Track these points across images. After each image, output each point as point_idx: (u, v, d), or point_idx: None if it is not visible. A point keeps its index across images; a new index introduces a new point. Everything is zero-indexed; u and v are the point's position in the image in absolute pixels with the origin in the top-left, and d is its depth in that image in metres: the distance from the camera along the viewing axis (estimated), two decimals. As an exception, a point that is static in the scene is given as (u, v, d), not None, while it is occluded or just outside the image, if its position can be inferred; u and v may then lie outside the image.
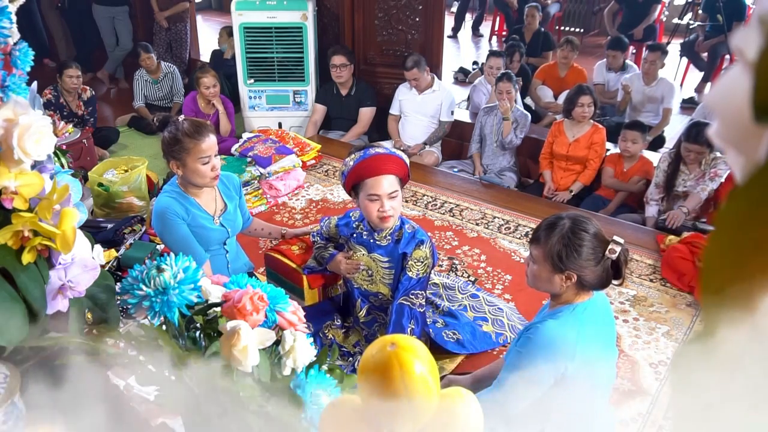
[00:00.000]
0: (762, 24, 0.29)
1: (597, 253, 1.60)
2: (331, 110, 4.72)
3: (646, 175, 3.76)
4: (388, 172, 2.09)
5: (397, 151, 2.16)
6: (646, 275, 3.01)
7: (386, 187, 2.09)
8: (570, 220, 1.63)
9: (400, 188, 2.15)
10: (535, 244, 1.67)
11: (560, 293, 1.68)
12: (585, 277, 1.62)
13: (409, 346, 0.69)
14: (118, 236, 3.00)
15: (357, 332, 2.48)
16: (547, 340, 1.61)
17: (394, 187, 2.11)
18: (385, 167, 2.08)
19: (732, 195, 0.30)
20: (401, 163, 2.12)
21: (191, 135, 2.09)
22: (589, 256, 1.60)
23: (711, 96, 0.33)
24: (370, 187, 2.09)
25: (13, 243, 0.91)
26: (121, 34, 6.17)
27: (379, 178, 2.08)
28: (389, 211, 2.11)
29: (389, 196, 2.10)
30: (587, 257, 1.59)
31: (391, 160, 2.10)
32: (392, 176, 2.10)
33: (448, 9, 7.58)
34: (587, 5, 8.37)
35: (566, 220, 1.63)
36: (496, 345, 2.48)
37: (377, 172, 2.08)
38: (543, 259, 1.64)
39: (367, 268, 2.32)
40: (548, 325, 1.63)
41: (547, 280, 1.66)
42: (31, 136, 0.90)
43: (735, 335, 0.30)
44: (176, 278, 1.00)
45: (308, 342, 1.07)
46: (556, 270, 1.62)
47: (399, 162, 2.11)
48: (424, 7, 4.51)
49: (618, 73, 5.13)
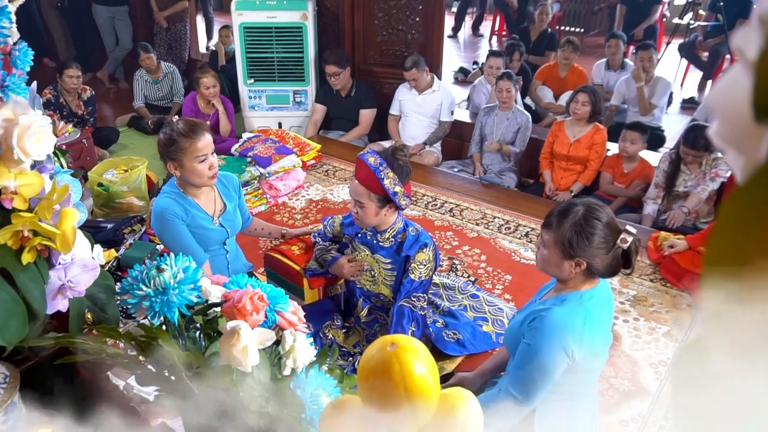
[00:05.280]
0: (762, 24, 0.29)
1: (608, 242, 1.60)
2: (331, 110, 4.72)
3: (647, 179, 3.76)
4: (357, 178, 2.15)
5: (380, 169, 2.10)
6: (646, 275, 3.01)
7: (352, 190, 2.18)
8: (584, 207, 1.62)
9: (373, 202, 2.13)
10: (546, 228, 1.67)
11: (568, 279, 1.68)
12: (595, 264, 1.62)
13: (409, 346, 0.69)
14: (118, 236, 3.00)
15: (357, 332, 2.48)
16: (555, 327, 1.61)
17: (358, 194, 2.14)
18: (357, 173, 2.16)
19: (732, 195, 0.30)
20: (372, 177, 2.09)
21: (186, 134, 2.10)
22: (600, 244, 1.59)
23: (711, 96, 0.33)
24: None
25: (13, 243, 0.91)
26: (121, 34, 6.17)
27: (353, 180, 2.18)
28: (355, 214, 2.21)
29: (355, 201, 2.17)
30: (598, 245, 1.59)
31: (361, 167, 2.12)
32: (359, 185, 2.14)
33: (448, 9, 7.57)
34: (587, 5, 8.37)
35: (580, 206, 1.63)
36: (496, 345, 2.48)
37: (354, 174, 2.18)
38: (554, 244, 1.64)
39: (371, 269, 2.32)
40: (556, 312, 1.63)
41: (556, 265, 1.66)
42: (31, 136, 0.90)
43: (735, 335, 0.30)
44: (176, 278, 1.00)
45: (308, 342, 1.07)
46: (566, 256, 1.62)
47: (369, 175, 2.10)
48: (424, 7, 4.51)
49: (617, 72, 5.13)
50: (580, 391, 1.75)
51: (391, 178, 2.10)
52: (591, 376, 1.76)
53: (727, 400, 0.31)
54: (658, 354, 2.50)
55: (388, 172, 2.10)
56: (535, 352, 1.65)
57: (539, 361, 1.64)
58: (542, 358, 1.64)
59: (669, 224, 3.35)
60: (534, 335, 1.65)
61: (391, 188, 2.10)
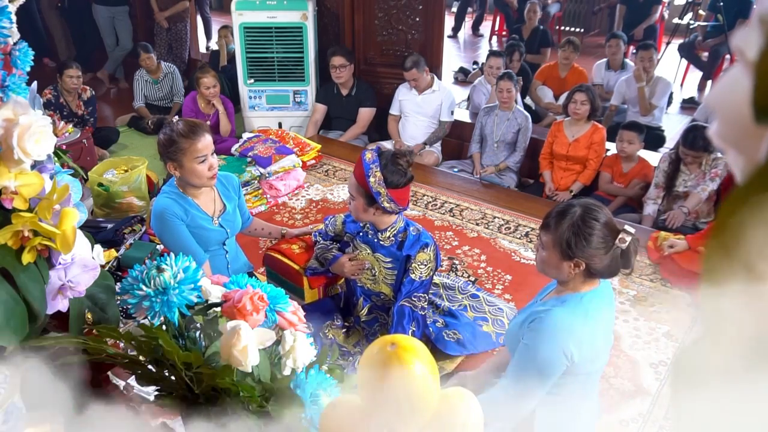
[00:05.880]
0: (762, 24, 0.29)
1: (607, 242, 1.60)
2: (331, 110, 4.72)
3: (645, 178, 3.76)
4: (354, 170, 2.21)
5: (370, 166, 2.13)
6: (646, 275, 3.01)
7: (349, 181, 2.24)
8: (581, 207, 1.62)
9: (361, 197, 2.18)
10: (545, 230, 1.67)
11: (568, 280, 1.68)
12: (594, 265, 1.62)
13: (409, 346, 0.69)
14: (118, 236, 3.00)
15: (357, 332, 2.48)
16: (555, 329, 1.61)
17: (351, 186, 2.22)
18: (355, 166, 2.21)
19: (732, 195, 0.30)
20: (362, 173, 2.14)
21: (186, 135, 2.10)
22: (598, 245, 1.59)
23: (711, 96, 0.33)
24: None
25: (13, 243, 0.91)
26: (121, 34, 6.17)
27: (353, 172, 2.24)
28: (349, 205, 2.28)
29: (349, 193, 2.24)
30: (597, 246, 1.59)
31: (358, 161, 2.18)
32: (353, 177, 2.20)
33: (448, 9, 7.58)
34: (587, 5, 8.36)
35: (577, 207, 1.62)
36: (496, 345, 2.48)
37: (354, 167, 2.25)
38: (552, 245, 1.64)
39: (372, 267, 2.32)
40: (556, 313, 1.63)
41: (555, 266, 1.66)
42: (31, 136, 0.90)
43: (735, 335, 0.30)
44: (176, 278, 1.00)
45: (308, 342, 1.07)
46: (565, 257, 1.62)
47: (361, 170, 2.15)
48: (424, 7, 4.51)
49: (617, 72, 5.13)
50: (581, 392, 1.75)
51: (377, 177, 2.11)
52: (592, 377, 1.76)
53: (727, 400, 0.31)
54: (658, 354, 2.50)
55: (376, 172, 2.11)
56: (533, 353, 1.65)
57: (538, 363, 1.64)
58: (541, 360, 1.64)
59: (669, 224, 3.35)
60: (533, 336, 1.65)
61: (374, 187, 2.11)
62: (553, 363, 1.63)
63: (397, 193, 2.15)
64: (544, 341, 1.62)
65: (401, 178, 2.14)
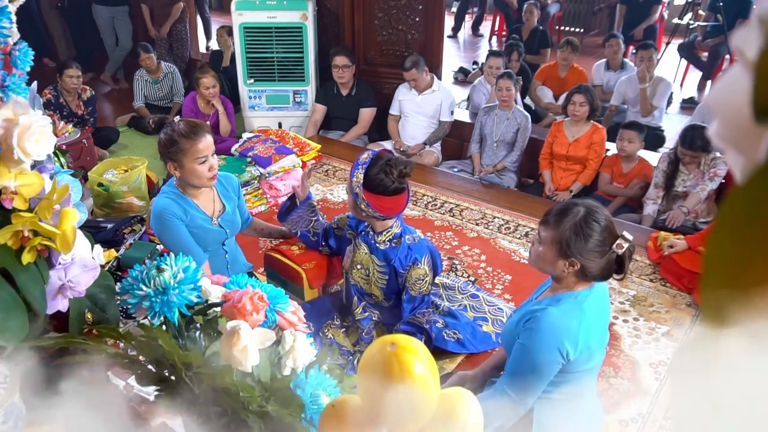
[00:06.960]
0: (762, 24, 0.29)
1: (604, 246, 1.61)
2: (331, 110, 4.72)
3: (646, 178, 3.76)
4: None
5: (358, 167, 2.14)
6: (646, 275, 3.01)
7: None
8: (585, 208, 1.63)
9: (349, 192, 2.20)
10: (544, 225, 1.68)
11: (561, 278, 1.68)
12: (588, 266, 1.62)
13: (409, 346, 0.69)
14: (118, 236, 3.00)
15: (357, 331, 2.48)
16: (550, 328, 1.62)
17: (348, 182, 2.23)
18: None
19: (732, 195, 0.30)
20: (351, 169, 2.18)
21: (187, 135, 2.09)
22: (596, 247, 1.60)
23: (711, 96, 0.33)
24: None
25: (13, 243, 0.91)
26: (121, 34, 6.17)
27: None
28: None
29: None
30: (594, 248, 1.60)
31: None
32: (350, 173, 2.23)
33: (448, 9, 7.57)
34: (587, 5, 8.36)
35: (581, 207, 1.63)
36: (496, 345, 2.48)
37: None
38: (550, 242, 1.65)
39: (366, 267, 2.33)
40: (551, 312, 1.63)
41: (550, 262, 1.67)
42: (31, 136, 0.90)
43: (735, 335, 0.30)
44: (176, 278, 1.00)
45: (308, 342, 1.07)
46: (562, 255, 1.63)
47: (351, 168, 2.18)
48: (424, 7, 4.51)
49: (617, 72, 5.13)
50: (578, 390, 1.75)
51: (358, 179, 2.12)
52: (588, 375, 1.76)
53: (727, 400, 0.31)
54: (658, 354, 2.50)
55: (359, 173, 2.12)
56: (529, 352, 1.65)
57: (533, 362, 1.65)
58: (536, 359, 1.64)
59: (669, 224, 3.35)
60: (529, 335, 1.66)
61: (354, 187, 2.13)
62: (548, 361, 1.63)
63: (377, 199, 2.11)
64: (539, 340, 1.63)
65: (384, 188, 2.11)
